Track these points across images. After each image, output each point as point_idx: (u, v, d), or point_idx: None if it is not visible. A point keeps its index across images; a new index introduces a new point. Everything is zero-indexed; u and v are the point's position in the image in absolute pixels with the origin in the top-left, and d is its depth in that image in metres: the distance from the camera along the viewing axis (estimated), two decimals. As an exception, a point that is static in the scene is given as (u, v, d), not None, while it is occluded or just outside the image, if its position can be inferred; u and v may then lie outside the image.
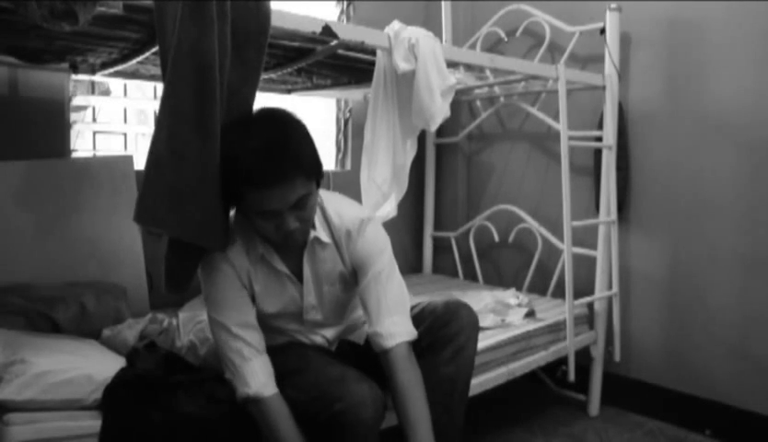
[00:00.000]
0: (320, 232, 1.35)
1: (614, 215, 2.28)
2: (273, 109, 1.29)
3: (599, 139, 2.29)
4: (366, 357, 1.46)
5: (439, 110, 1.73)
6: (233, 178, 1.19)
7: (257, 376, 1.27)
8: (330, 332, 1.49)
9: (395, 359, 1.31)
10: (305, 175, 1.21)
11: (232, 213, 1.34)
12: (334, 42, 1.61)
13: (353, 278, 1.42)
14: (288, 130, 1.24)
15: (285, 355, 1.37)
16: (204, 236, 1.22)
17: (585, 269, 2.35)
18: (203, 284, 1.33)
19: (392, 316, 1.33)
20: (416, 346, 1.37)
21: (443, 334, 1.39)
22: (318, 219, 1.35)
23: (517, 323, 2.07)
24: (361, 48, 1.68)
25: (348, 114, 2.79)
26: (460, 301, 1.49)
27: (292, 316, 1.42)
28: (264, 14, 1.30)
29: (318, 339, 1.47)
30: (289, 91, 2.47)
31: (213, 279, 1.31)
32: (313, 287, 1.39)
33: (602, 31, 2.26)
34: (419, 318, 1.43)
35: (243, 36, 1.27)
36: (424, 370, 1.35)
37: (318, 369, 1.31)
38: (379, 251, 1.38)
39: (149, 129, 2.35)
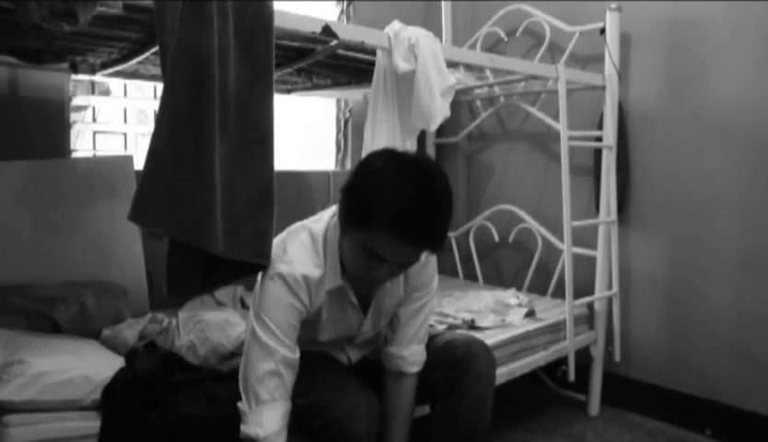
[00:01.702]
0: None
1: (614, 215, 2.28)
2: (434, 165, 1.20)
3: (599, 139, 2.29)
4: (371, 365, 1.46)
5: (439, 110, 1.73)
6: (376, 213, 1.09)
7: (275, 421, 1.18)
8: (356, 354, 1.46)
9: (407, 385, 1.38)
10: (435, 249, 1.17)
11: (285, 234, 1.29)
12: (334, 42, 1.61)
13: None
14: (446, 202, 1.14)
15: None
16: (200, 236, 1.21)
17: (585, 269, 2.35)
18: (260, 288, 1.24)
19: (420, 345, 1.39)
20: (435, 391, 1.39)
21: (463, 382, 1.36)
22: None
23: (517, 323, 2.07)
24: (361, 48, 1.68)
25: (348, 114, 2.79)
26: (479, 342, 1.44)
27: (337, 339, 1.39)
28: (268, 12, 1.29)
29: (342, 357, 1.45)
30: (289, 91, 2.48)
31: (275, 296, 1.21)
32: (371, 319, 1.37)
33: (602, 31, 2.26)
34: (437, 357, 1.41)
35: (249, 34, 1.26)
36: (443, 415, 1.37)
37: (317, 375, 1.30)
38: (432, 281, 1.39)
39: (149, 129, 2.35)
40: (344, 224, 1.19)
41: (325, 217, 1.32)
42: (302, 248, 1.26)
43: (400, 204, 1.08)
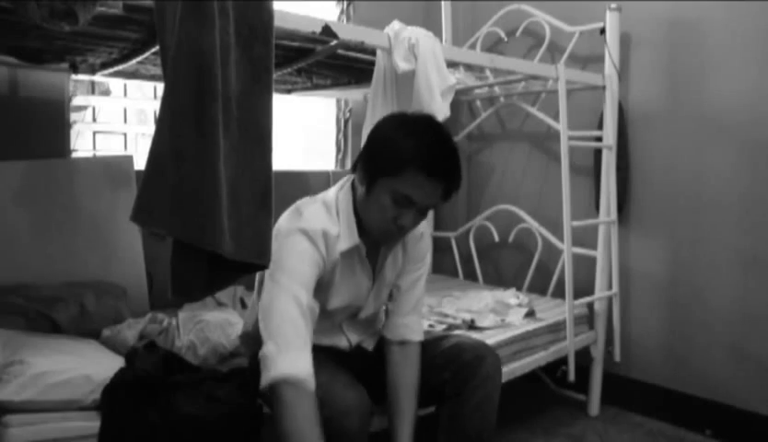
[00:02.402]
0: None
1: (614, 215, 2.28)
2: (435, 119, 1.36)
3: (599, 139, 2.29)
4: (366, 358, 1.46)
5: (439, 110, 1.73)
6: (400, 156, 1.24)
7: (309, 365, 1.18)
8: (355, 337, 1.48)
9: (412, 353, 1.42)
10: (453, 188, 1.30)
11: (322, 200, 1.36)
12: (334, 42, 1.61)
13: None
14: (454, 143, 1.32)
15: None
16: (206, 237, 1.21)
17: (585, 269, 2.35)
18: (278, 248, 1.26)
19: (419, 317, 1.49)
20: (442, 393, 1.40)
21: (470, 384, 1.38)
22: None
23: (517, 323, 2.07)
24: (361, 48, 1.68)
25: (348, 114, 2.79)
26: (487, 346, 1.48)
27: (343, 311, 1.43)
28: (268, 11, 1.29)
29: (342, 342, 1.46)
30: (289, 91, 2.48)
31: (298, 249, 1.27)
32: (376, 289, 1.43)
33: (602, 31, 2.26)
34: (445, 359, 1.43)
35: (248, 34, 1.26)
36: (450, 417, 1.39)
37: None
38: (426, 256, 1.50)
39: (149, 129, 2.36)
40: (371, 179, 1.29)
41: (333, 189, 1.40)
42: (318, 210, 1.34)
43: (425, 146, 1.25)
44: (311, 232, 1.28)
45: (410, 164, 1.24)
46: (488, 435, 1.41)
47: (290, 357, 1.16)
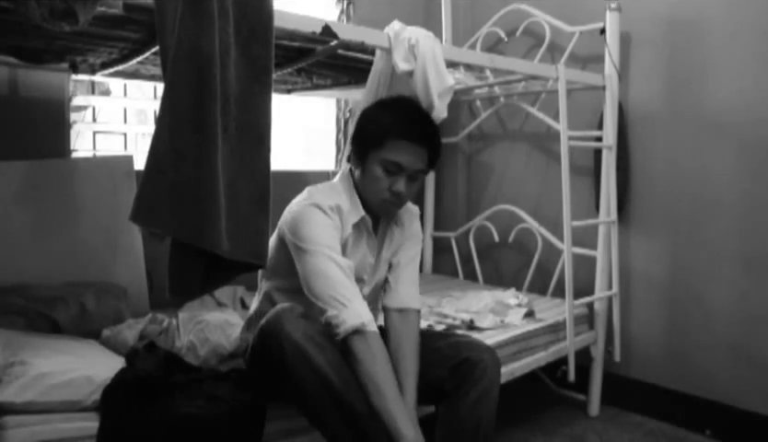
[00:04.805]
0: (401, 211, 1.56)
1: (614, 215, 2.28)
2: (412, 98, 1.56)
3: (599, 139, 2.29)
4: None
5: (436, 111, 1.73)
6: (382, 127, 1.40)
7: (366, 311, 1.31)
8: None
9: (412, 321, 1.49)
10: (434, 153, 1.46)
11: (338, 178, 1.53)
12: (334, 42, 1.61)
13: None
14: (431, 117, 1.52)
15: None
16: (205, 237, 1.22)
17: (585, 269, 2.35)
18: (299, 225, 1.38)
19: (417, 289, 1.57)
20: (440, 390, 1.41)
21: (468, 380, 1.39)
22: None
23: (517, 323, 2.07)
24: (361, 48, 1.68)
25: (348, 114, 2.79)
26: (484, 344, 1.49)
27: None
28: (267, 12, 1.29)
29: None
30: (289, 91, 2.48)
31: (317, 219, 1.39)
32: (378, 263, 1.54)
33: (602, 31, 2.26)
34: (443, 356, 1.44)
35: (248, 34, 1.26)
36: (448, 412, 1.40)
37: None
38: (420, 236, 1.63)
39: (149, 129, 2.35)
40: (363, 156, 1.44)
41: (335, 179, 1.55)
42: (326, 190, 1.48)
43: (403, 115, 1.43)
44: (325, 206, 1.40)
45: (391, 133, 1.39)
46: (486, 431, 1.41)
47: (351, 314, 1.28)
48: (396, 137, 1.39)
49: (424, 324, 1.82)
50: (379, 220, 1.54)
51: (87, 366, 1.31)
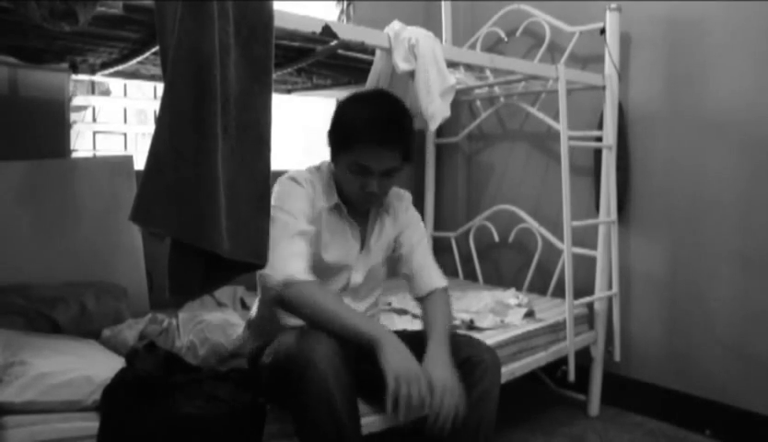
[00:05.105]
0: (391, 200, 1.57)
1: (614, 215, 2.28)
2: (385, 91, 1.54)
3: (599, 139, 2.29)
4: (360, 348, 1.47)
5: (439, 111, 1.73)
6: (350, 130, 1.38)
7: (298, 267, 1.33)
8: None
9: (440, 297, 1.54)
10: (405, 150, 1.41)
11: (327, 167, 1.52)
12: (334, 42, 1.61)
13: (390, 251, 1.60)
14: (402, 109, 1.44)
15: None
16: (205, 236, 1.22)
17: (585, 269, 2.35)
18: (277, 195, 1.41)
19: (434, 265, 1.60)
20: None
21: (467, 380, 1.37)
22: None
23: (517, 323, 2.07)
24: (361, 48, 1.68)
25: (348, 114, 2.78)
26: (483, 344, 1.48)
27: (337, 273, 1.50)
28: (267, 11, 1.29)
29: None
30: (289, 91, 2.48)
31: (287, 189, 1.43)
32: (367, 251, 1.53)
33: (602, 31, 2.26)
34: None
35: (248, 34, 1.26)
36: None
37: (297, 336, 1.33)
38: (419, 222, 1.64)
39: (149, 129, 2.35)
40: (334, 155, 1.45)
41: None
42: (306, 171, 1.51)
43: (366, 114, 1.39)
44: (299, 178, 1.45)
45: (356, 137, 1.37)
46: (487, 431, 1.41)
47: (278, 268, 1.31)
48: (363, 141, 1.37)
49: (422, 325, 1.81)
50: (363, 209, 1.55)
51: (87, 366, 1.31)
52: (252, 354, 1.50)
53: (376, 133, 1.36)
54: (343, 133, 1.41)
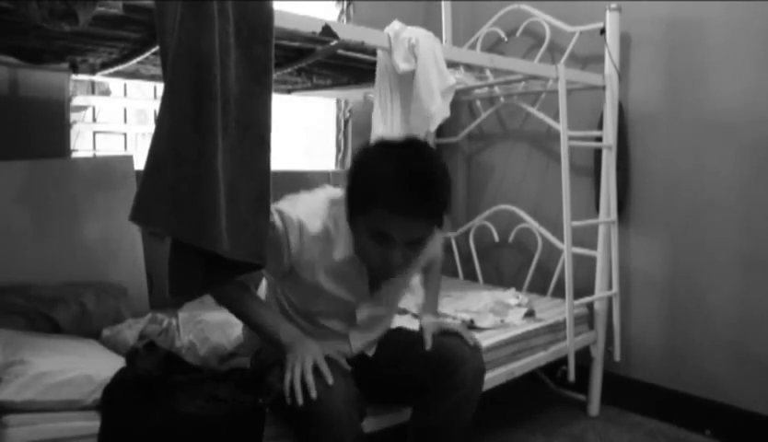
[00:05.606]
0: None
1: (614, 215, 2.28)
2: (423, 143, 1.27)
3: (599, 139, 2.29)
4: (362, 361, 1.46)
5: (439, 111, 1.73)
6: (371, 192, 1.16)
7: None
8: (358, 340, 1.45)
9: (434, 269, 1.61)
10: (437, 221, 1.20)
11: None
12: (334, 42, 1.61)
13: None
14: (439, 173, 1.18)
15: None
16: (204, 236, 1.21)
17: (585, 269, 2.35)
18: (282, 208, 1.31)
19: (437, 246, 1.58)
20: (422, 387, 1.39)
21: (447, 383, 1.37)
22: None
23: (517, 323, 2.07)
24: (361, 48, 1.68)
25: (348, 114, 2.79)
26: (470, 348, 1.42)
27: (339, 306, 1.38)
28: (267, 12, 1.29)
29: (345, 347, 1.43)
30: (289, 91, 2.48)
31: (292, 230, 1.28)
32: (380, 297, 1.41)
33: (602, 31, 2.26)
34: (426, 357, 1.40)
35: (248, 34, 1.26)
36: (423, 409, 1.39)
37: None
38: (437, 251, 1.60)
39: (149, 129, 2.36)
40: (351, 216, 1.23)
41: (318, 193, 1.38)
42: (314, 201, 1.32)
43: (388, 177, 1.13)
44: (310, 226, 1.28)
45: (376, 202, 1.15)
46: (459, 432, 1.40)
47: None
48: (383, 209, 1.14)
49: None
50: None
51: (88, 366, 1.32)
52: (253, 354, 1.50)
53: (396, 201, 1.13)
54: (360, 195, 1.19)
